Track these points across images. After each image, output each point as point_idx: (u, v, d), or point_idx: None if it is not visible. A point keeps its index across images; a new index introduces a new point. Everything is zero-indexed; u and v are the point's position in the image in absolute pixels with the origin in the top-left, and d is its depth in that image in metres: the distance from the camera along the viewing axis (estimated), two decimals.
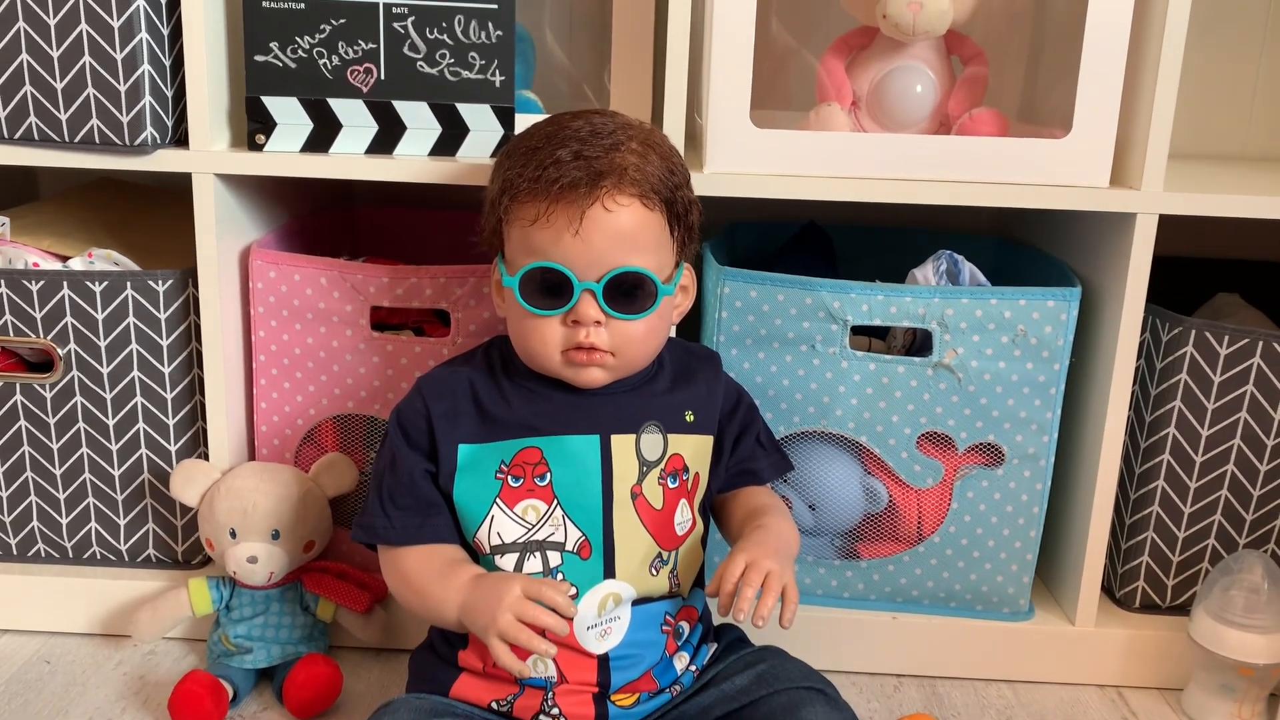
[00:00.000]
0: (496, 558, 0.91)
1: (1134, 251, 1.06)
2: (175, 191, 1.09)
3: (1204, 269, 1.36)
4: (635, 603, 0.92)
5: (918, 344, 1.13)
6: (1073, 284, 1.09)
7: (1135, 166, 1.05)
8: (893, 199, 1.06)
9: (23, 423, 1.14)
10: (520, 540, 0.91)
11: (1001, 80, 1.31)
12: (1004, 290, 1.07)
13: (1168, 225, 1.06)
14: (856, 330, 1.10)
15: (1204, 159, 1.41)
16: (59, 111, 1.04)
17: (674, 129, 1.03)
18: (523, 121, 1.05)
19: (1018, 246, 1.29)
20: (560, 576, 0.90)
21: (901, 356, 1.09)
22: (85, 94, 1.03)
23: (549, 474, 0.91)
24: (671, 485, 0.94)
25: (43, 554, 1.18)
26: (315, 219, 1.29)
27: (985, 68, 1.13)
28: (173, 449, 1.14)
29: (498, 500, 0.91)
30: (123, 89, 1.03)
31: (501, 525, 0.91)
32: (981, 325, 1.07)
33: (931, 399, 1.09)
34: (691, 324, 1.09)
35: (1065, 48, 1.10)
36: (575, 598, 0.90)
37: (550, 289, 0.89)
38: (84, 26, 1.01)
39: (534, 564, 0.91)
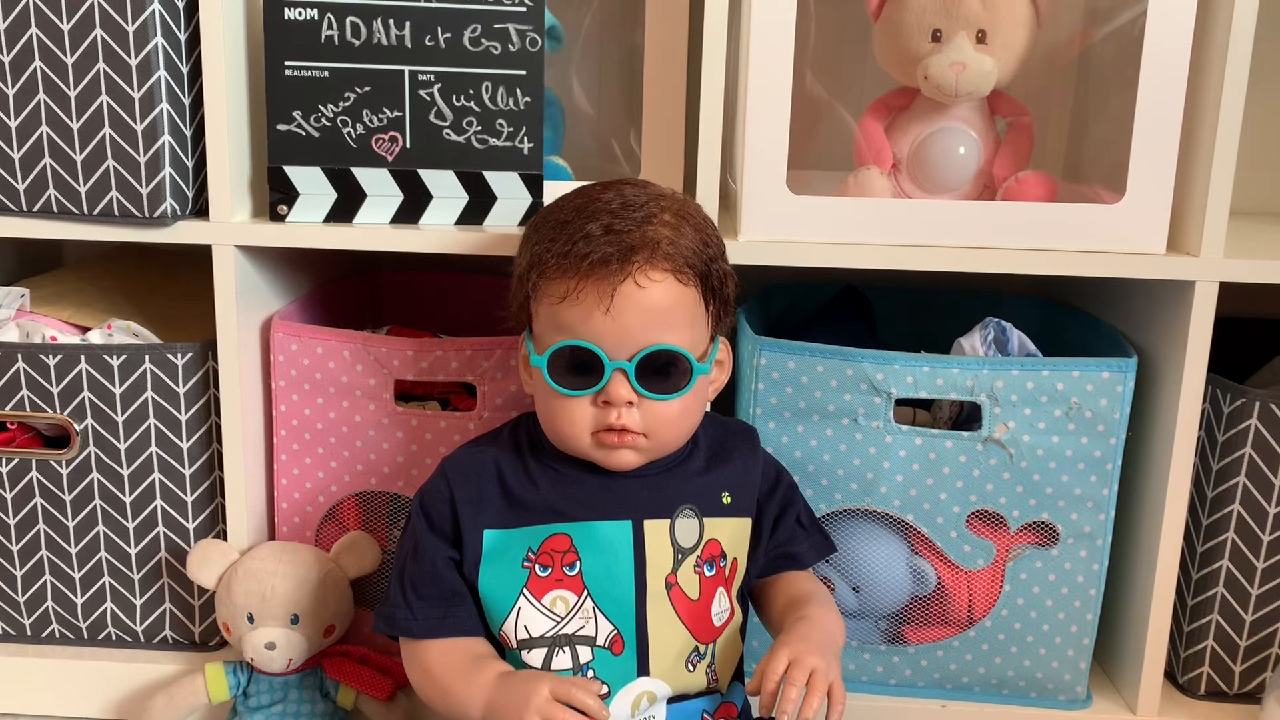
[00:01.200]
0: (524, 653, 0.86)
1: (1194, 320, 1.01)
2: (198, 258, 1.06)
3: (1263, 330, 1.30)
4: (671, 700, 0.87)
5: (965, 415, 1.08)
6: (1128, 353, 1.03)
7: (1193, 231, 1.00)
8: (937, 267, 1.01)
9: (38, 499, 1.10)
10: (549, 634, 0.86)
11: (1045, 138, 1.27)
12: (1056, 361, 1.02)
13: (1224, 286, 1.01)
14: (901, 403, 1.05)
15: (1262, 215, 1.35)
16: (78, 184, 1.02)
17: (707, 193, 1.00)
18: (551, 188, 1.02)
19: (1066, 310, 1.24)
20: (591, 673, 0.85)
21: (949, 430, 1.04)
22: (105, 166, 1.01)
23: (578, 563, 0.87)
24: (708, 573, 0.89)
25: (57, 635, 1.15)
26: (339, 286, 1.26)
27: (1030, 129, 1.08)
28: (191, 527, 1.11)
29: (525, 591, 0.86)
30: (143, 160, 1.01)
31: (529, 618, 0.86)
32: (1033, 398, 1.01)
33: (981, 475, 1.03)
34: (727, 396, 1.05)
35: (1112, 104, 1.05)
36: (607, 697, 0.85)
37: (580, 368, 0.85)
38: (104, 98, 0.99)
39: (563, 660, 0.86)
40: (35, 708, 1.13)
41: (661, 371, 0.85)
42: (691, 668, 0.88)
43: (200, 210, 1.06)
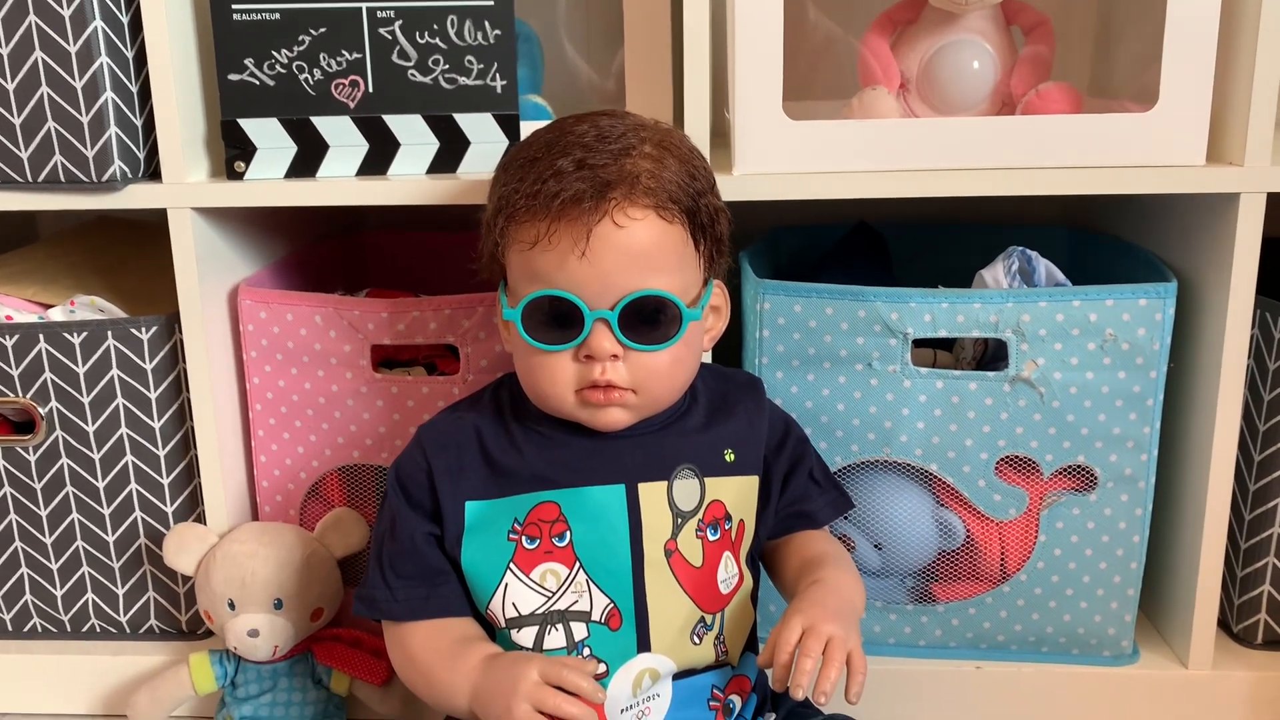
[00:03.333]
0: (513, 632, 0.79)
1: (1239, 237, 0.92)
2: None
3: None
4: (676, 676, 0.80)
5: (989, 356, 1.00)
6: (1166, 278, 0.95)
7: (1236, 139, 0.91)
8: (953, 192, 0.93)
9: (7, 489, 1.05)
10: (539, 611, 0.79)
11: (1068, 51, 1.17)
12: (1088, 290, 0.93)
13: (1272, 201, 0.92)
14: (919, 343, 0.97)
15: None
16: (19, 150, 0.95)
17: (697, 125, 0.92)
18: (529, 130, 0.94)
19: (1097, 237, 1.15)
20: (587, 652, 0.79)
21: (972, 371, 0.96)
22: (45, 128, 0.94)
23: (569, 532, 0.79)
24: (712, 538, 0.82)
25: (39, 629, 1.10)
26: (317, 248, 1.19)
27: (1051, 37, 0.99)
28: (169, 510, 1.05)
29: (512, 565, 0.80)
30: (85, 120, 0.93)
31: (517, 594, 0.79)
32: (1064, 331, 0.93)
33: (1010, 418, 0.95)
34: (729, 346, 0.97)
35: (1142, 6, 0.96)
36: (604, 677, 0.78)
37: (558, 320, 0.77)
38: (38, 54, 0.92)
39: (556, 638, 0.79)
40: (21, 706, 1.08)
41: (648, 320, 0.77)
42: (697, 640, 0.81)
43: (154, 173, 0.99)
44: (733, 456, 0.84)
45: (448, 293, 0.99)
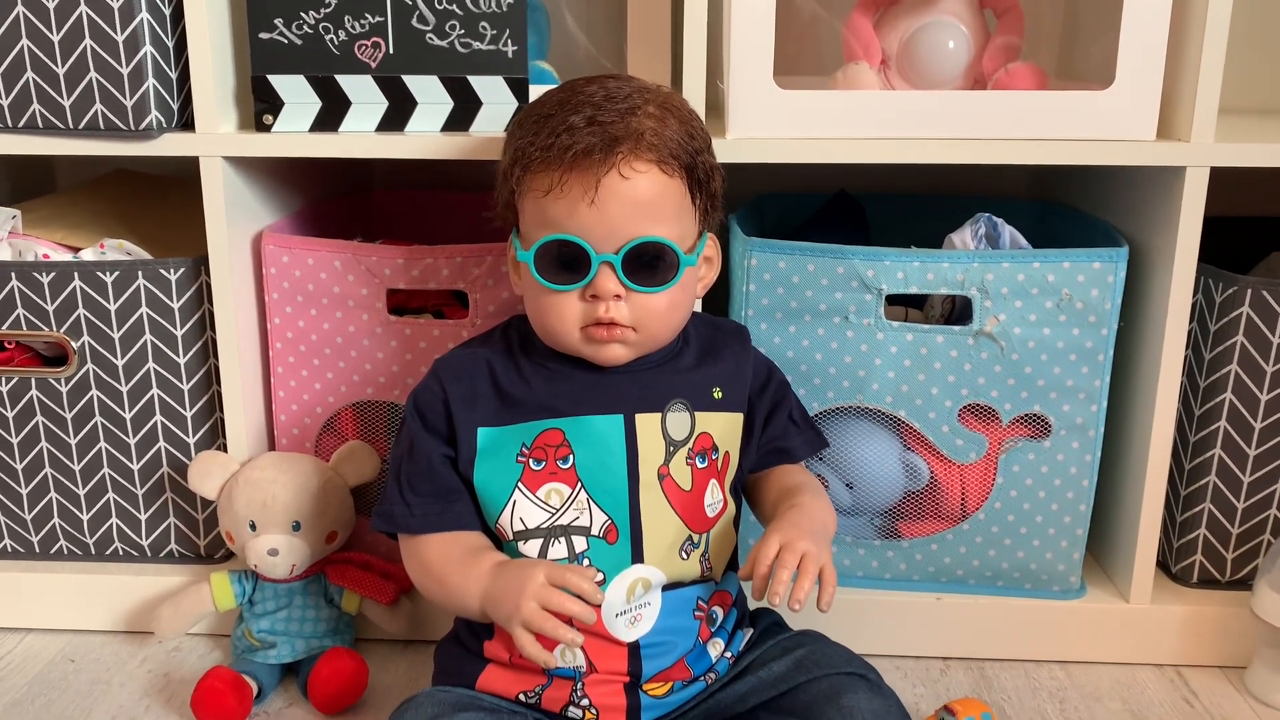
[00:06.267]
0: (520, 544, 0.88)
1: (1184, 207, 1.00)
2: (190, 181, 1.06)
3: (1257, 228, 1.29)
4: (666, 588, 0.88)
5: (957, 312, 1.08)
6: (1119, 244, 1.03)
7: (1184, 117, 0.99)
8: (927, 159, 1.00)
9: (39, 418, 1.12)
10: (544, 525, 0.87)
11: (1038, 35, 1.26)
12: (1047, 253, 1.01)
13: (1218, 183, 1.00)
14: (892, 300, 1.05)
15: (1254, 113, 1.34)
16: (62, 98, 1.01)
17: (694, 96, 0.99)
18: (537, 92, 1.01)
19: (1059, 208, 1.24)
20: (586, 562, 0.87)
21: (940, 325, 1.04)
22: (88, 79, 1.00)
23: (571, 456, 0.87)
24: (700, 465, 0.90)
25: (65, 551, 1.16)
26: (330, 204, 1.26)
27: (1020, 21, 1.07)
28: (191, 441, 1.12)
29: (519, 484, 0.87)
30: (125, 72, 1.00)
31: (524, 510, 0.87)
32: (1024, 290, 1.01)
33: (973, 369, 1.04)
34: (719, 298, 1.05)
35: None
36: (603, 584, 0.86)
37: (567, 263, 0.85)
38: (83, 9, 0.98)
39: (559, 549, 0.87)
40: (46, 622, 1.15)
41: (649, 264, 0.85)
42: (685, 556, 0.89)
43: (187, 123, 1.05)
44: (720, 394, 0.92)
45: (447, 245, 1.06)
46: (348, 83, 1.03)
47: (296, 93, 1.03)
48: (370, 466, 1.09)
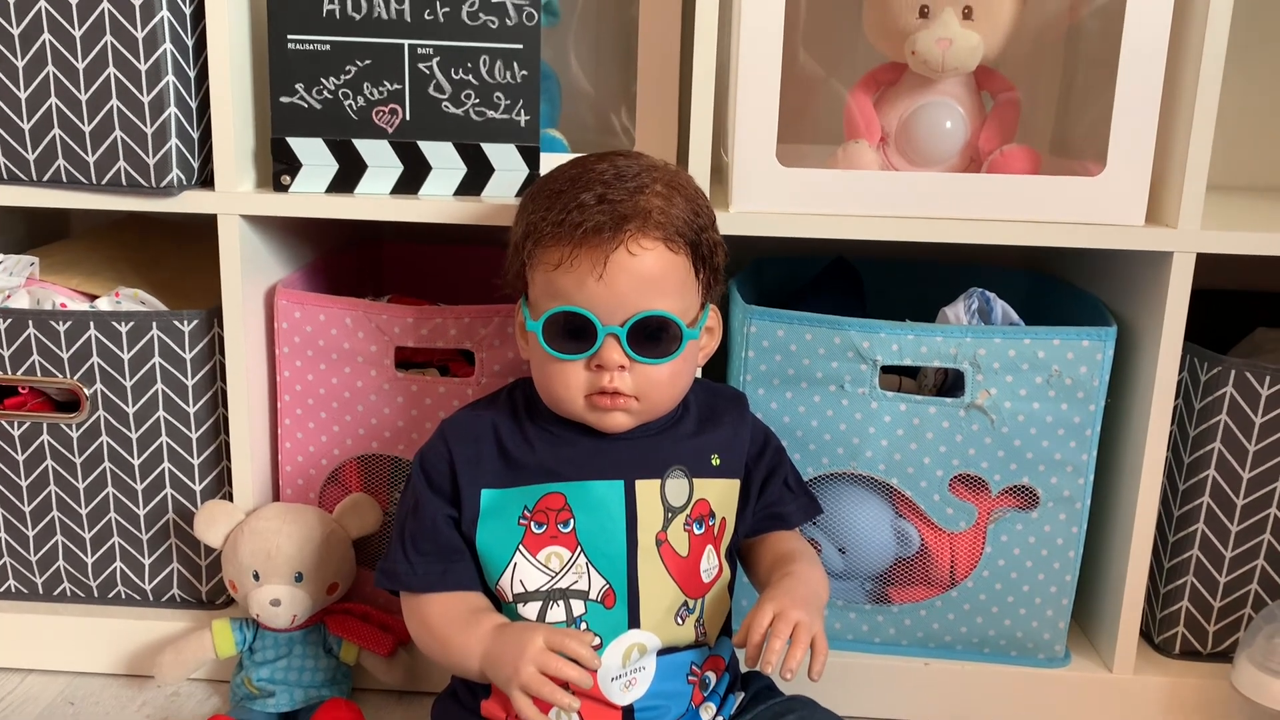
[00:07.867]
0: (519, 606, 0.90)
1: (1171, 290, 1.03)
2: (203, 228, 1.09)
3: (1242, 302, 1.32)
4: (660, 653, 0.91)
5: (949, 384, 1.11)
6: (1108, 323, 1.06)
7: (1171, 203, 1.03)
8: (923, 238, 1.04)
9: (49, 462, 1.14)
10: (543, 588, 0.89)
11: (1033, 114, 1.29)
12: (1038, 330, 1.04)
13: (1205, 258, 1.03)
14: (887, 370, 1.08)
15: (1241, 190, 1.38)
16: (87, 154, 1.04)
17: (699, 165, 1.02)
18: (548, 160, 1.04)
19: (1051, 281, 1.27)
20: (584, 626, 0.89)
21: (933, 397, 1.07)
22: (113, 137, 1.03)
23: (572, 520, 0.90)
24: (697, 531, 0.92)
25: (68, 593, 1.18)
26: (341, 257, 1.29)
27: (1017, 103, 1.11)
28: (197, 489, 1.14)
29: (520, 547, 0.90)
30: (149, 131, 1.03)
31: (524, 573, 0.90)
32: (1015, 365, 1.04)
33: (964, 440, 1.06)
34: (718, 364, 1.08)
35: (1098, 79, 1.08)
36: (599, 648, 0.88)
37: (574, 333, 0.88)
38: (111, 70, 1.02)
39: (557, 613, 0.89)
40: (47, 663, 1.17)
41: (653, 336, 0.88)
42: (680, 621, 0.91)
43: (205, 181, 1.08)
44: (718, 461, 0.95)
45: (457, 300, 1.08)
46: (364, 147, 1.06)
47: (314, 155, 1.06)
48: (373, 519, 1.11)
